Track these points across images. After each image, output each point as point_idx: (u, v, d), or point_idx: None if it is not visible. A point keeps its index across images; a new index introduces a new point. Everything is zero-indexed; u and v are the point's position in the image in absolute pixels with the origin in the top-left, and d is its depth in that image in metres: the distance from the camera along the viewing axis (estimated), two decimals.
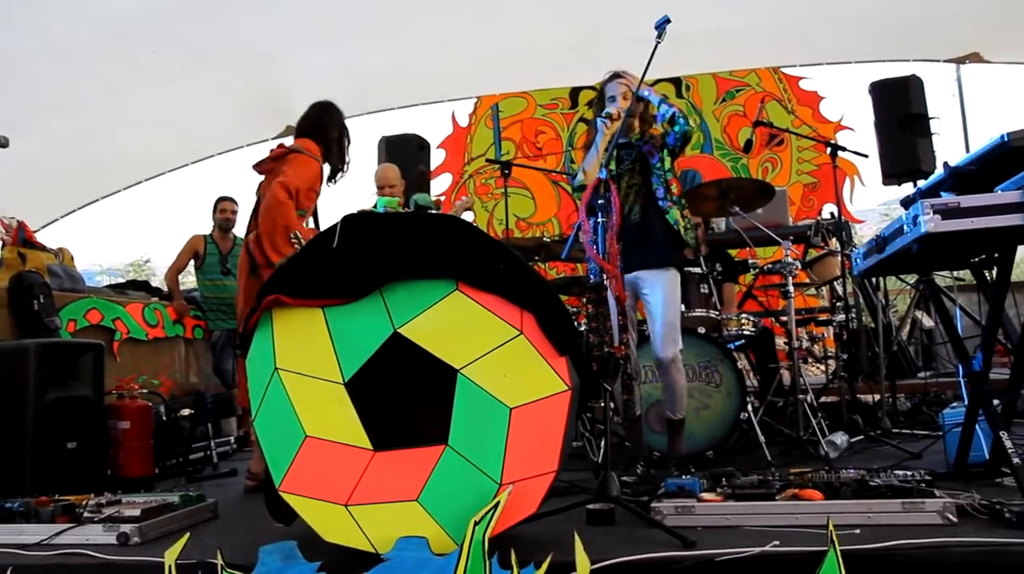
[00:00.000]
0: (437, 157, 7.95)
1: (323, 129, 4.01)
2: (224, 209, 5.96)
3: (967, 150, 7.03)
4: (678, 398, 3.63)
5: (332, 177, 4.07)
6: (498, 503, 2.10)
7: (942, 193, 2.77)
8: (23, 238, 4.76)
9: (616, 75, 3.72)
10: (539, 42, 7.03)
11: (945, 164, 2.85)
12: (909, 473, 2.67)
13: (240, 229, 5.80)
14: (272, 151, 3.96)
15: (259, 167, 3.96)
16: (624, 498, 2.65)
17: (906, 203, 3.15)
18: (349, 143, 4.10)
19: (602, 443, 3.75)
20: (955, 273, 5.08)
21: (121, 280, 7.66)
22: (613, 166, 3.61)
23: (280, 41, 6.63)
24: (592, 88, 7.96)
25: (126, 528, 2.66)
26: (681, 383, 3.62)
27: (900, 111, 6.05)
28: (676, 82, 7.91)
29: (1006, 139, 2.57)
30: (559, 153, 8.03)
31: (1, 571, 2.39)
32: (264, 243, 3.69)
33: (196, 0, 5.86)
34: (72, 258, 5.13)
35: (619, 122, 3.51)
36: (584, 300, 4.75)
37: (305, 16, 6.34)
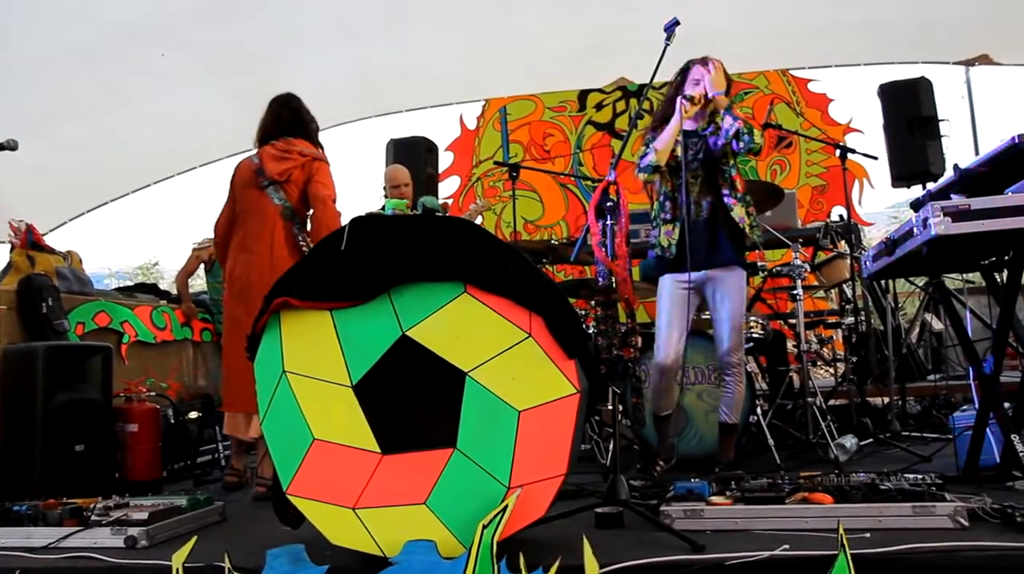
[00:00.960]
0: (445, 160, 7.95)
1: (311, 129, 4.10)
2: None
3: (976, 152, 7.02)
4: (737, 401, 3.62)
5: None
6: (507, 506, 2.09)
7: (952, 195, 2.76)
8: (32, 241, 4.78)
9: (705, 59, 3.59)
10: (547, 45, 7.04)
11: (955, 166, 2.83)
12: (919, 477, 2.65)
13: None
14: (288, 152, 3.95)
15: (278, 170, 3.92)
16: (633, 501, 2.64)
17: (916, 205, 3.13)
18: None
19: (610, 446, 3.74)
20: (965, 275, 5.05)
21: (129, 283, 7.68)
22: (679, 151, 3.54)
23: (288, 44, 6.65)
24: (601, 91, 8.00)
25: (134, 531, 2.66)
26: (741, 387, 3.61)
27: (909, 113, 6.03)
28: None
29: (1017, 141, 2.56)
30: (567, 156, 8.02)
31: None
32: None
33: (204, 5, 5.88)
34: (80, 261, 5.14)
35: (698, 107, 3.46)
36: (593, 303, 4.75)
37: (313, 19, 6.36)
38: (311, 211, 3.94)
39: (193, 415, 4.88)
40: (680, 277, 3.51)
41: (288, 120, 4.05)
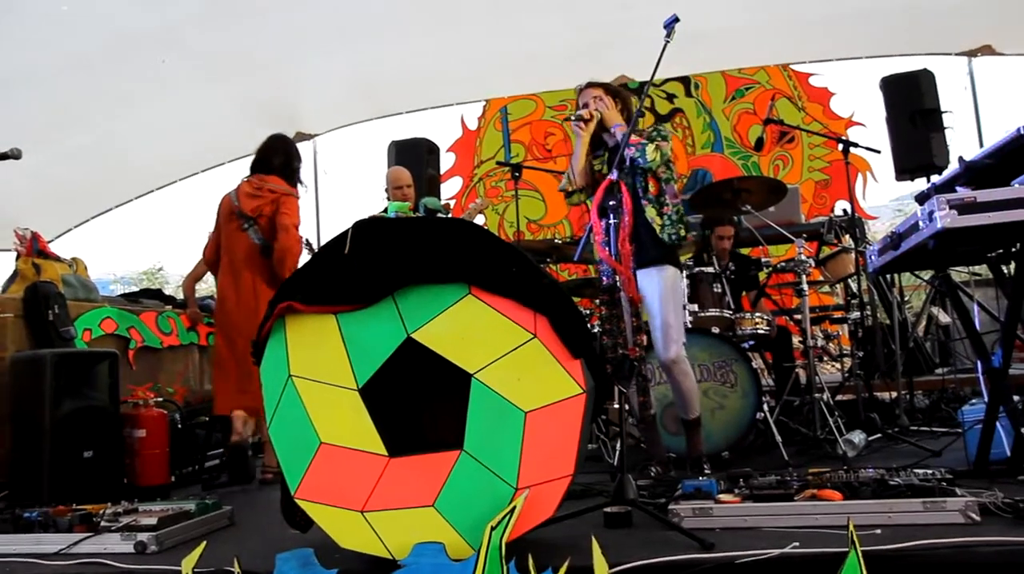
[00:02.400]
0: (447, 161, 7.95)
1: (292, 170, 4.59)
2: None
3: (981, 144, 6.99)
4: (687, 399, 3.61)
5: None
6: (514, 508, 2.09)
7: (957, 188, 2.75)
8: (37, 249, 4.79)
9: (589, 84, 3.75)
10: (547, 44, 7.03)
11: (960, 158, 2.82)
12: (929, 471, 2.63)
13: None
14: (260, 190, 4.44)
15: (251, 207, 4.41)
16: (641, 500, 2.63)
17: (921, 199, 3.11)
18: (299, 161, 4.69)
19: (617, 445, 3.74)
20: (971, 268, 5.03)
21: (135, 288, 7.69)
22: (605, 168, 3.60)
23: (288, 48, 6.65)
24: None
25: (143, 536, 2.67)
26: (687, 384, 3.59)
27: (912, 106, 6.00)
28: (685, 81, 7.89)
29: (1022, 132, 2.55)
30: (569, 155, 8.01)
31: None
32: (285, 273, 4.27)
33: (205, 11, 5.89)
34: (86, 268, 5.15)
35: (594, 122, 3.50)
36: (597, 302, 4.74)
37: (313, 23, 6.36)
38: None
39: (200, 420, 4.88)
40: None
41: (262, 159, 4.54)
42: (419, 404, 2.65)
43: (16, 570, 2.55)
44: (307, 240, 3.88)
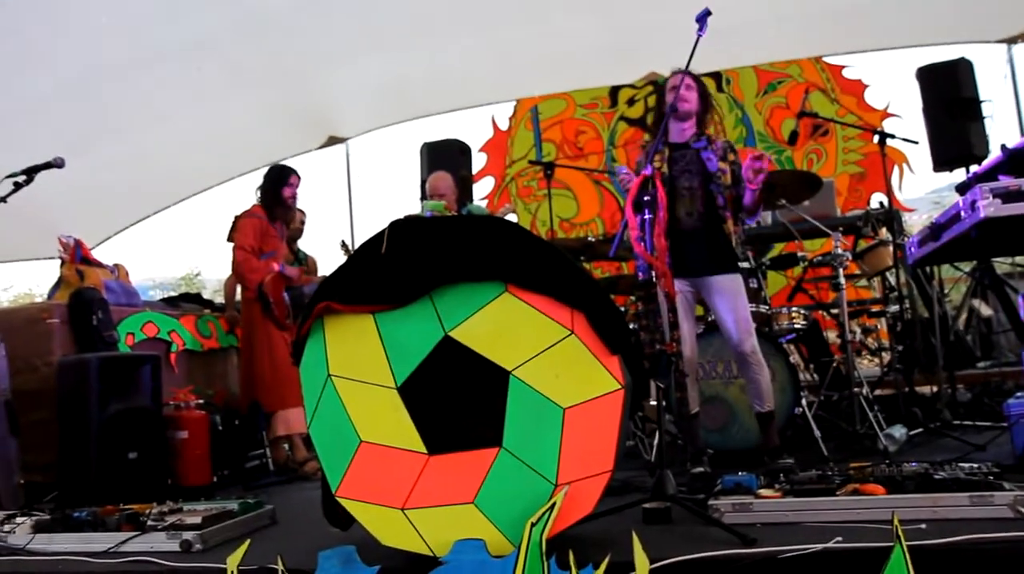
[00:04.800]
0: (479, 161, 7.97)
1: (265, 191, 5.10)
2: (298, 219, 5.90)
3: (1022, 133, 6.83)
4: (763, 391, 3.62)
5: (284, 215, 5.16)
6: (554, 504, 2.10)
7: (1000, 176, 2.70)
8: (81, 256, 4.89)
9: (680, 72, 3.59)
10: (577, 42, 7.01)
11: (1003, 146, 2.78)
12: (975, 465, 2.59)
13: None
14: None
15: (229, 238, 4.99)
16: (681, 496, 2.62)
17: (962, 188, 3.07)
18: (285, 184, 5.08)
19: (655, 441, 3.72)
20: (1015, 259, 4.93)
21: (173, 294, 7.81)
22: (664, 167, 3.58)
23: (320, 54, 6.71)
24: (632, 86, 7.96)
25: (189, 535, 2.72)
26: (763, 376, 3.62)
27: (949, 96, 5.89)
28: (716, 76, 7.82)
29: None
30: (600, 152, 7.99)
31: None
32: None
33: (237, 19, 5.96)
34: (127, 274, 5.25)
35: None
36: (633, 298, 4.73)
37: (344, 27, 6.41)
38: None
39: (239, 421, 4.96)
40: (680, 282, 3.52)
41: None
42: (457, 402, 2.65)
43: (67, 568, 2.61)
44: (343, 241, 3.92)
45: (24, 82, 5.76)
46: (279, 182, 5.08)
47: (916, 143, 5.09)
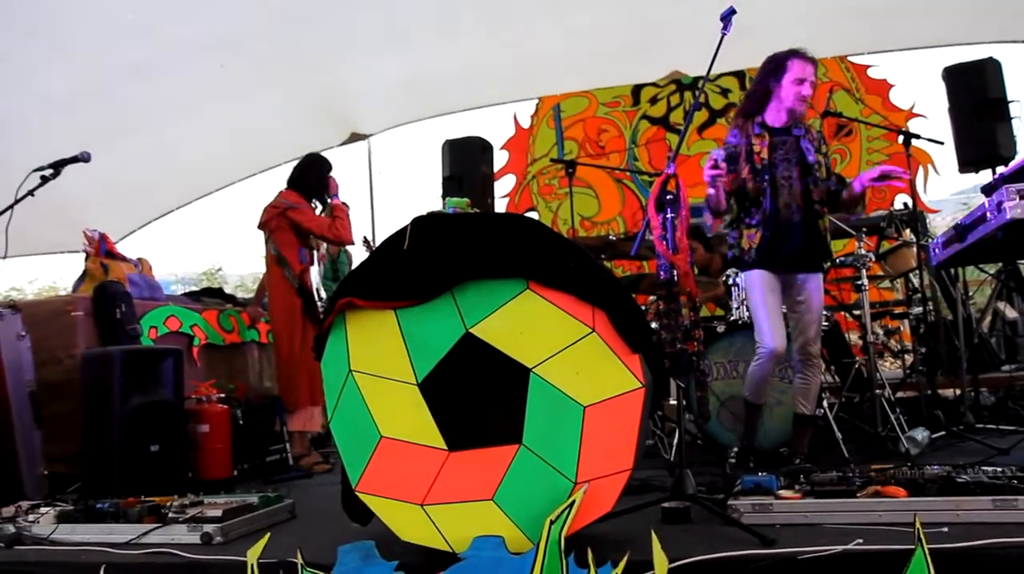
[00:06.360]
0: (500, 159, 7.97)
1: (304, 183, 4.95)
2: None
3: None
4: (816, 393, 3.64)
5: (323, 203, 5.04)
6: (573, 502, 2.10)
7: None
8: (105, 250, 4.94)
9: (811, 60, 3.77)
10: (599, 40, 6.99)
11: None
12: (998, 469, 2.56)
13: None
14: (272, 206, 4.85)
15: (263, 220, 4.86)
16: (700, 496, 2.61)
17: (988, 190, 3.03)
18: (329, 174, 5.02)
19: (675, 440, 3.71)
20: None
21: (195, 288, 7.88)
22: (764, 152, 3.53)
23: (342, 51, 6.73)
24: (655, 85, 7.92)
25: (209, 528, 2.75)
26: (819, 380, 3.64)
27: (976, 96, 5.81)
28: (739, 75, 7.77)
29: None
30: (622, 151, 7.97)
31: (95, 568, 2.49)
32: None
33: (261, 15, 6.00)
34: (151, 268, 5.30)
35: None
36: (654, 297, 4.71)
37: (367, 24, 6.43)
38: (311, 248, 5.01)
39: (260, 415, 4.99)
40: (771, 273, 3.50)
41: (290, 176, 4.99)
42: (478, 399, 2.66)
43: (89, 558, 2.65)
44: (365, 237, 3.93)
45: (51, 78, 5.83)
46: (325, 170, 5.02)
47: (942, 143, 5.04)
